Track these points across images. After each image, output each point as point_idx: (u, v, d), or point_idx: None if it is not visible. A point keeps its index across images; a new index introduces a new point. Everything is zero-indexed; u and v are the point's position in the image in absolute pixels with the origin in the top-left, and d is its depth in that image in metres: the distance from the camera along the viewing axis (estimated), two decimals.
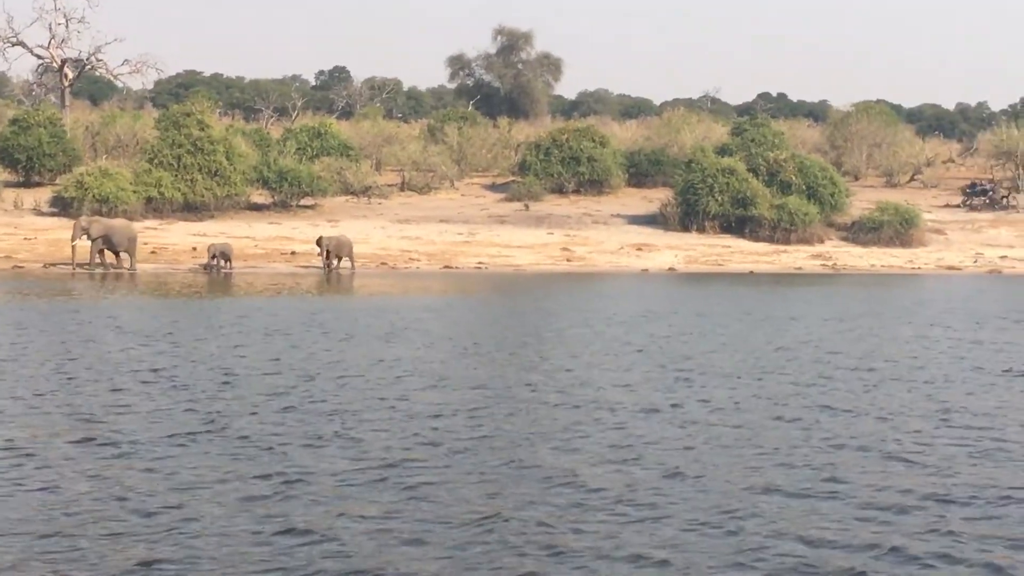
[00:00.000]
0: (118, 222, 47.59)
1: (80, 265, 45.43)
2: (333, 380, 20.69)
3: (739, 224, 60.38)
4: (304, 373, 21.37)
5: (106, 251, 46.14)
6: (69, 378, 20.47)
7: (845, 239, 61.10)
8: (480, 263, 51.32)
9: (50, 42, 77.92)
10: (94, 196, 55.62)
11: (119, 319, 29.73)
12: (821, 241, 60.32)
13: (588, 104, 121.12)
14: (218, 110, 71.00)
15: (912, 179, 78.29)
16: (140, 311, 32.38)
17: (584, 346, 26.00)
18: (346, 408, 18.11)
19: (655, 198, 65.97)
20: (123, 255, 46.41)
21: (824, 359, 24.61)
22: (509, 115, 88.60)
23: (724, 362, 23.85)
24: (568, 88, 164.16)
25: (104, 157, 68.08)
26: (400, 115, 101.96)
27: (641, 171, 71.17)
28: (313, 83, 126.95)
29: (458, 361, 23.54)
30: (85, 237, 45.41)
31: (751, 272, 51.94)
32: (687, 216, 60.82)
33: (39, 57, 79.84)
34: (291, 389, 19.65)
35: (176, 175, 58.69)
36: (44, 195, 59.53)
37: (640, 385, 20.83)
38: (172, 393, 19.16)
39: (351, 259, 48.12)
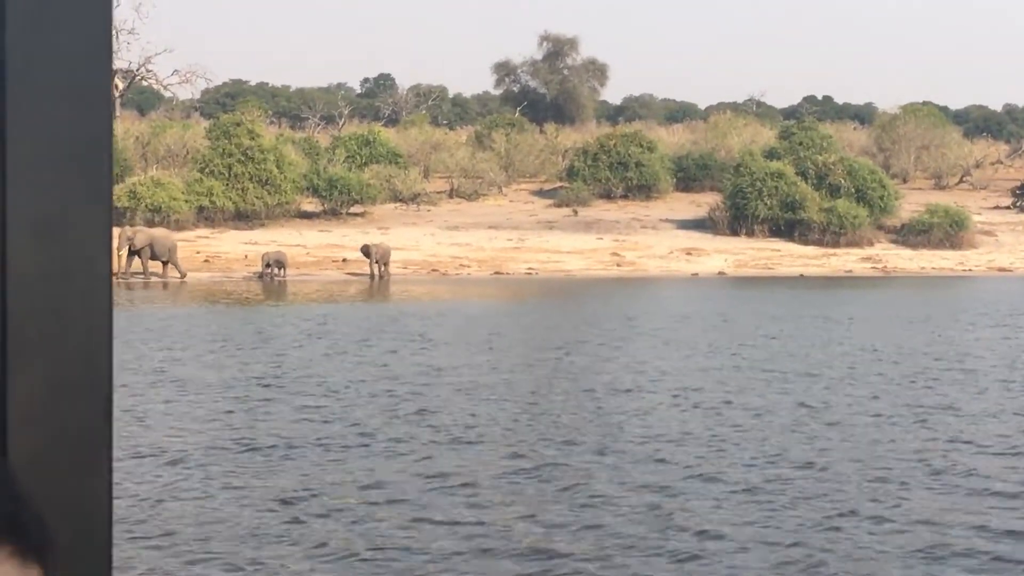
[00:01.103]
0: (159, 231, 48.13)
1: (127, 274, 45.90)
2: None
3: (788, 228, 60.39)
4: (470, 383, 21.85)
5: (148, 260, 46.51)
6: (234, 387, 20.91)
7: (895, 242, 61.01)
8: (530, 269, 51.56)
9: None
10: (147, 206, 56.18)
11: (244, 328, 30.33)
12: (871, 244, 60.25)
13: (633, 109, 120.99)
14: (268, 120, 71.26)
15: (961, 181, 78.02)
16: (236, 319, 32.99)
17: (699, 353, 26.36)
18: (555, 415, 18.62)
19: (703, 202, 66.03)
20: (168, 264, 46.80)
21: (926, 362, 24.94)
22: (554, 121, 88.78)
23: (829, 364, 24.22)
24: (613, 93, 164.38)
25: (154, 167, 68.64)
26: (445, 122, 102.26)
27: (689, 176, 71.22)
28: (358, 91, 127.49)
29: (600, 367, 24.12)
30: (129, 247, 45.85)
31: (801, 276, 51.94)
32: (736, 220, 60.87)
33: None
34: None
35: (227, 184, 59.21)
36: None
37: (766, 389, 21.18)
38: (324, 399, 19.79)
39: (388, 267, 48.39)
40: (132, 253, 45.97)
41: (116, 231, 49.26)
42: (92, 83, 1.39)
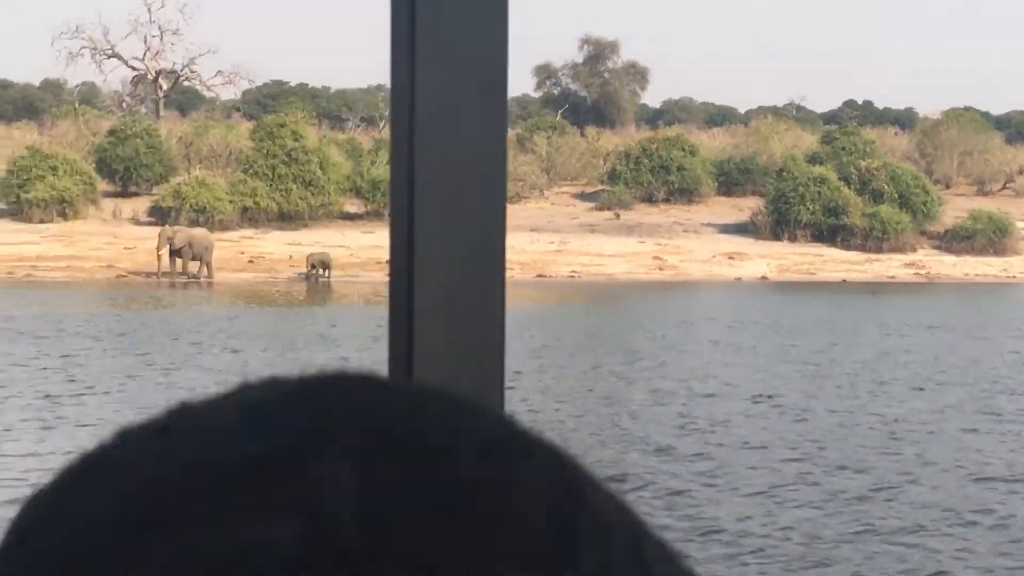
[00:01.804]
0: (198, 232, 48.38)
1: (166, 274, 46.20)
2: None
3: (830, 233, 60.37)
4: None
5: (188, 260, 46.81)
6: None
7: (937, 248, 60.92)
8: (573, 272, 51.73)
9: (145, 54, 79.31)
10: (191, 206, 56.62)
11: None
12: (913, 250, 60.17)
13: (672, 112, 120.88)
14: (310, 121, 71.54)
15: (1004, 187, 77.73)
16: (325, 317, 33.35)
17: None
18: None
19: (745, 207, 66.05)
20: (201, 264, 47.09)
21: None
22: (594, 124, 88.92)
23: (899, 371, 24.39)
24: (652, 96, 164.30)
25: (197, 167, 69.13)
26: None
27: (730, 180, 71.21)
28: None
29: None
30: (169, 247, 46.14)
31: (844, 281, 51.95)
32: (778, 225, 60.88)
33: (134, 69, 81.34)
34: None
35: (271, 185, 59.61)
36: (141, 205, 60.56)
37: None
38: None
39: None
40: (172, 253, 46.24)
41: (156, 231, 49.72)
42: (490, 170, 1.55)
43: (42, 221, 57.48)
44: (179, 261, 46.79)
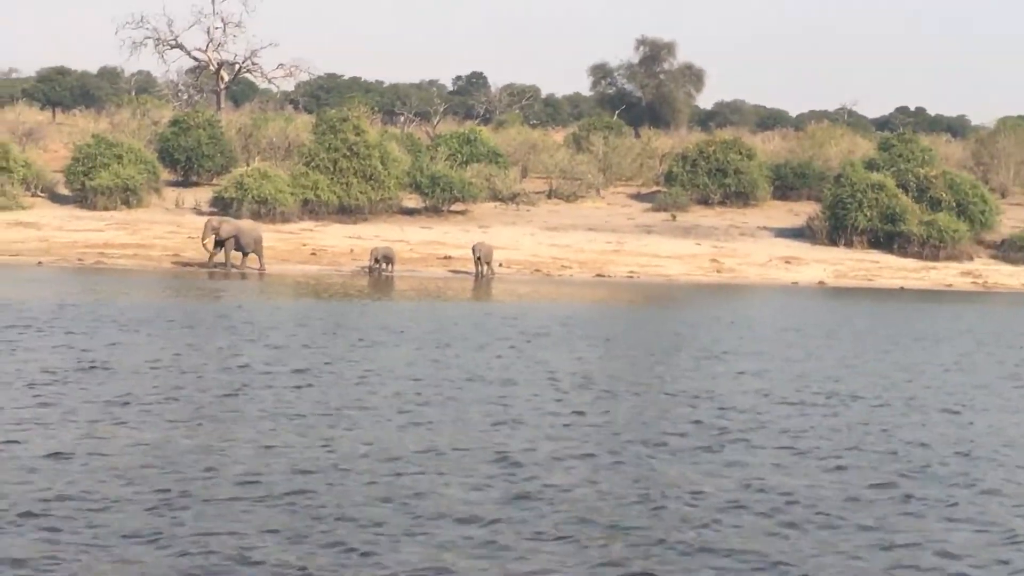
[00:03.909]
0: (246, 223, 48.43)
1: (214, 265, 46.37)
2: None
3: (887, 239, 60.41)
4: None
5: (232, 251, 46.71)
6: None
7: (994, 257, 60.88)
8: (631, 272, 51.96)
9: (208, 45, 79.98)
10: (253, 197, 57.07)
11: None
12: (970, 258, 60.14)
13: (724, 115, 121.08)
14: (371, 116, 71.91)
15: None
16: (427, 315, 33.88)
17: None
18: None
19: (801, 211, 66.15)
20: (237, 254, 46.96)
21: None
22: (649, 125, 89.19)
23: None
24: (704, 98, 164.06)
25: (256, 158, 69.68)
26: (536, 122, 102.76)
27: (786, 184, 71.30)
28: (450, 88, 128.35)
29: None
30: (215, 237, 46.23)
31: (901, 288, 52.04)
32: (835, 230, 60.95)
33: (196, 60, 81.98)
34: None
35: (332, 178, 60.08)
36: (203, 194, 61.14)
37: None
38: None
39: (490, 265, 48.84)
40: (218, 244, 46.34)
41: (202, 221, 50.00)
42: None
43: (106, 208, 58.17)
44: (222, 252, 46.58)
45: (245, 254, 46.95)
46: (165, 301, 34.32)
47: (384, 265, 47.40)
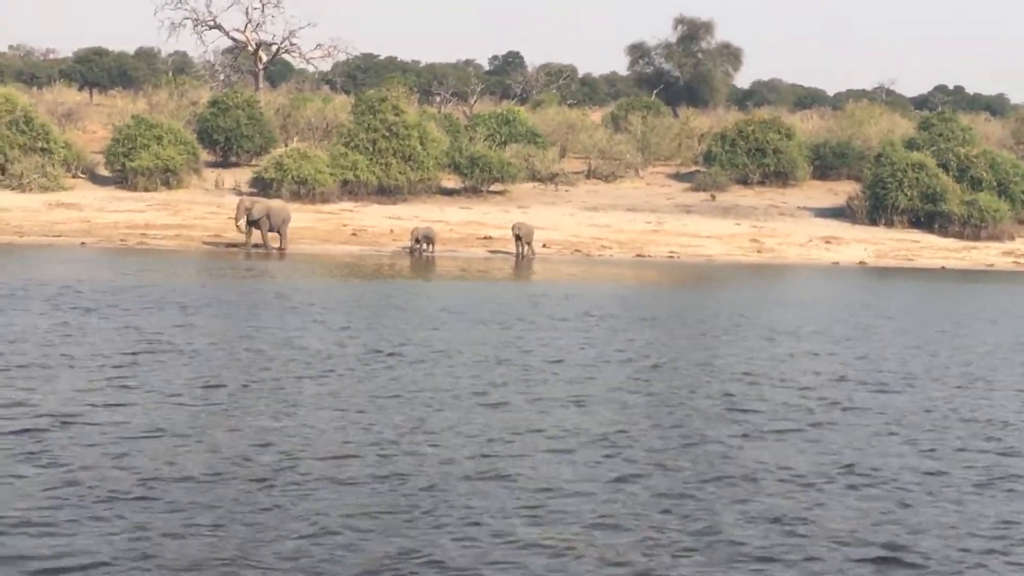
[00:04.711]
0: (276, 203, 48.36)
1: (253, 246, 46.36)
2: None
3: (927, 219, 60.20)
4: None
5: (267, 231, 46.52)
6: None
7: None
8: (672, 252, 51.94)
9: (246, 26, 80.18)
10: (293, 178, 57.29)
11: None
12: (1011, 238, 59.85)
13: (761, 94, 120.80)
14: (411, 97, 72.17)
15: None
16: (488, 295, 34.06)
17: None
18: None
19: (840, 191, 66.02)
20: (274, 234, 46.78)
21: None
22: (687, 104, 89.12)
23: None
24: (741, 77, 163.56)
25: (295, 139, 69.89)
26: (573, 101, 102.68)
27: (825, 163, 71.13)
28: (486, 68, 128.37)
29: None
30: (248, 217, 46.10)
31: (943, 268, 51.88)
32: (875, 210, 60.76)
33: (234, 40, 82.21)
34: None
35: (371, 159, 60.24)
36: (242, 175, 61.36)
37: None
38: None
39: (531, 246, 48.84)
40: (250, 223, 46.34)
41: (235, 200, 49.97)
42: None
43: (146, 189, 58.45)
44: (256, 232, 46.48)
45: (280, 235, 46.81)
46: (218, 282, 34.54)
47: (425, 245, 47.51)
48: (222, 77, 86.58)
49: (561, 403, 18.19)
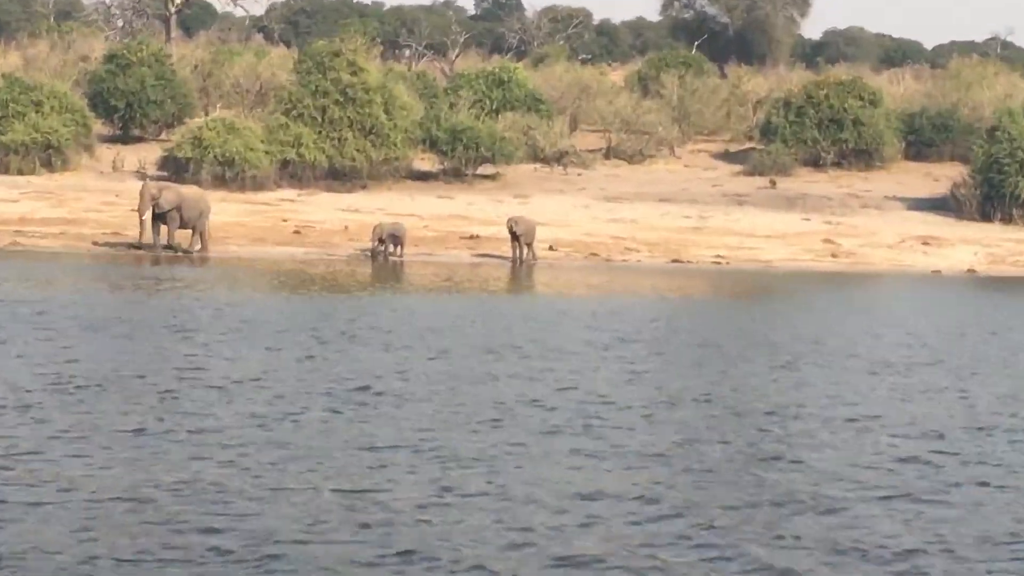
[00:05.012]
0: (191, 191, 48.06)
1: (155, 246, 45.86)
2: None
3: None
4: None
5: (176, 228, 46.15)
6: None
7: None
8: (718, 257, 51.95)
9: None
10: (216, 157, 57.13)
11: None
12: None
13: (836, 46, 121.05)
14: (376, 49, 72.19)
15: None
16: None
17: None
18: None
19: (942, 175, 66.13)
20: (185, 232, 46.59)
21: None
22: (738, 60, 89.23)
23: None
24: (809, 26, 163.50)
25: (218, 106, 69.93)
26: (587, 56, 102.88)
27: (922, 139, 71.21)
28: (471, 11, 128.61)
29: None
30: (154, 209, 45.57)
31: None
32: (988, 201, 60.80)
33: None
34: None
35: (320, 132, 60.23)
36: (149, 154, 61.29)
37: None
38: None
39: (532, 247, 48.66)
40: (157, 217, 45.72)
41: (139, 187, 48.95)
42: None
43: (21, 172, 58.28)
44: (164, 228, 45.79)
45: (195, 231, 46.41)
46: (112, 298, 34.34)
47: (391, 247, 47.48)
48: (121, 24, 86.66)
49: (633, 459, 18.03)
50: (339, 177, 60.20)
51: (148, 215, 45.72)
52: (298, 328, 29.58)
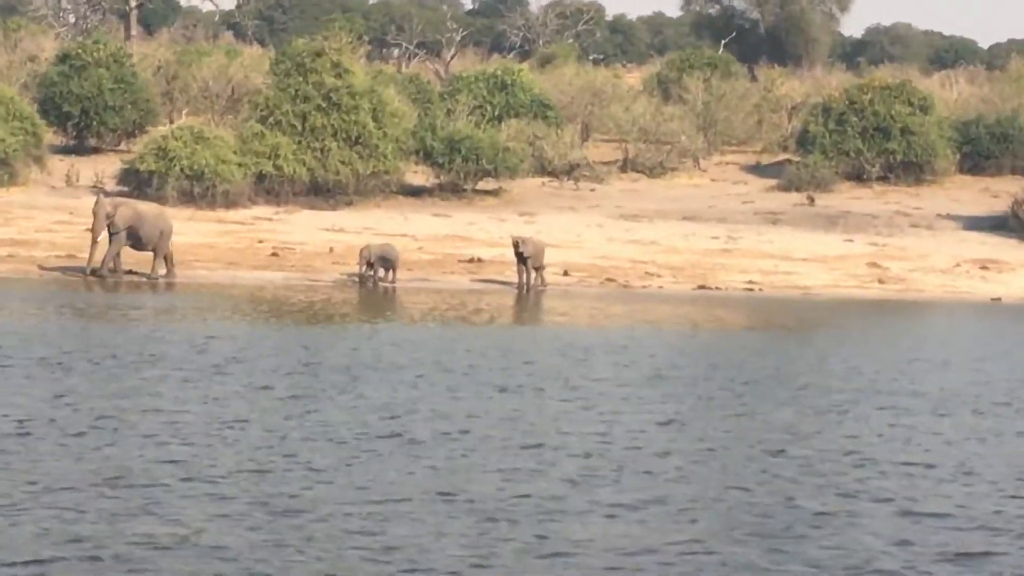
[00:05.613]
0: (149, 208, 47.87)
1: (116, 271, 45.85)
2: None
3: None
4: None
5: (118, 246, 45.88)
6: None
7: None
8: (751, 283, 51.96)
9: None
10: (183, 170, 57.12)
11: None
12: None
13: (880, 46, 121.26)
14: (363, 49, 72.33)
15: None
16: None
17: None
18: None
19: (1001, 191, 66.17)
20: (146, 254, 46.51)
21: None
22: (771, 61, 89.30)
23: None
24: (850, 22, 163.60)
25: (184, 112, 70.03)
26: (600, 56, 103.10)
27: (979, 150, 71.26)
28: (469, 5, 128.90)
29: None
30: (109, 227, 45.49)
31: None
32: None
33: None
34: None
35: (300, 142, 60.27)
36: (107, 166, 61.30)
37: None
38: None
39: (541, 272, 48.65)
40: (113, 235, 45.63)
41: (92, 201, 48.74)
42: None
43: None
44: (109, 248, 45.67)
45: (156, 254, 46.25)
46: (65, 329, 34.34)
47: (381, 272, 47.50)
48: (74, 20, 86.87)
49: (677, 514, 17.95)
50: (322, 193, 60.25)
51: (102, 234, 45.66)
52: (276, 371, 29.47)
